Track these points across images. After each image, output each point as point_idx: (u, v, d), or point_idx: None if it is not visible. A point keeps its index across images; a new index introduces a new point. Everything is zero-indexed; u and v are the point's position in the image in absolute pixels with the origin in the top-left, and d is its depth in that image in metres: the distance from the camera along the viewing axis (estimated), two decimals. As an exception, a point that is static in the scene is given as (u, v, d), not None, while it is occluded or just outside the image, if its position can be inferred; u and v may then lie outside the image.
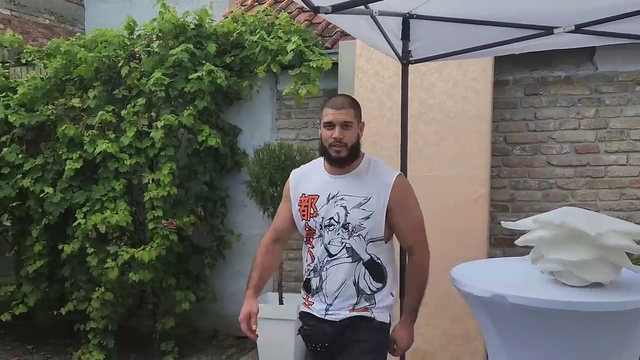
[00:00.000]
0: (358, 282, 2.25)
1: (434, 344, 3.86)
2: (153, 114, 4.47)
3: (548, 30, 2.66)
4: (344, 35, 4.67)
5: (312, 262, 2.31)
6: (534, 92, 4.18)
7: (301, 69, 4.27)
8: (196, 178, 4.57)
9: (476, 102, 3.96)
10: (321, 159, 2.36)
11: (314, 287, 2.30)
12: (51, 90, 4.74)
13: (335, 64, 4.38)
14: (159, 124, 4.32)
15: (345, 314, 2.27)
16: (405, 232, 2.30)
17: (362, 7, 2.24)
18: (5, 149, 4.70)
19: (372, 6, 2.32)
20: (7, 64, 5.39)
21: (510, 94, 4.22)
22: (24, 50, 5.35)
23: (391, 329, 2.35)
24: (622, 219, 3.84)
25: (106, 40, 4.67)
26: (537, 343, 1.91)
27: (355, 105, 2.29)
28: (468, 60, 3.72)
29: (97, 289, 4.31)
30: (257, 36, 4.38)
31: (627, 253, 1.91)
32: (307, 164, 2.50)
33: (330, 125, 2.22)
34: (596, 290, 1.89)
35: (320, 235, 2.27)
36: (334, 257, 2.25)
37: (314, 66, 4.23)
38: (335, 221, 2.23)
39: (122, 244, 4.34)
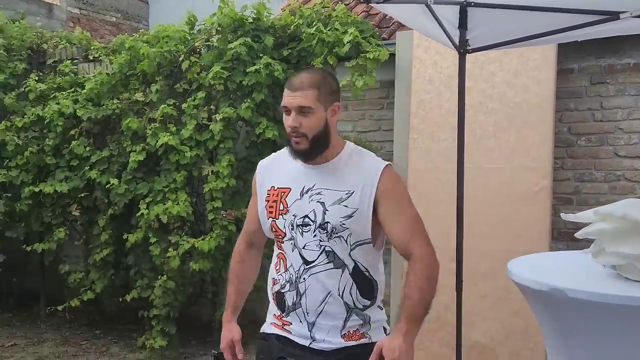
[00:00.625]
0: (343, 294, 1.82)
1: (493, 339, 3.79)
2: (212, 107, 4.56)
3: (614, 15, 2.54)
4: (402, 26, 4.62)
5: (286, 271, 1.88)
6: (600, 81, 4.01)
7: (358, 61, 4.26)
8: (254, 170, 4.62)
9: (538, 92, 3.84)
10: None
11: (290, 304, 1.87)
12: (116, 85, 4.92)
13: (392, 55, 4.34)
14: (218, 116, 4.40)
15: (337, 341, 1.83)
16: (400, 227, 1.82)
17: (417, -4, 2.21)
18: (74, 142, 4.91)
19: (428, -5, 2.28)
20: (76, 61, 5.61)
21: (575, 82, 4.07)
22: (92, 47, 5.56)
23: None
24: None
25: (168, 35, 4.79)
26: (597, 339, 1.84)
27: (321, 83, 1.81)
28: (530, 48, 3.61)
29: (159, 277, 4.45)
30: (314, 28, 4.39)
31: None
32: (279, 151, 2.03)
33: (286, 110, 1.82)
34: (661, 286, 1.81)
35: (292, 238, 1.85)
36: (312, 265, 1.82)
37: (371, 57, 4.20)
38: (311, 220, 1.82)
39: (183, 234, 4.46)
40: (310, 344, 1.85)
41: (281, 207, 1.87)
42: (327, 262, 1.81)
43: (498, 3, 2.62)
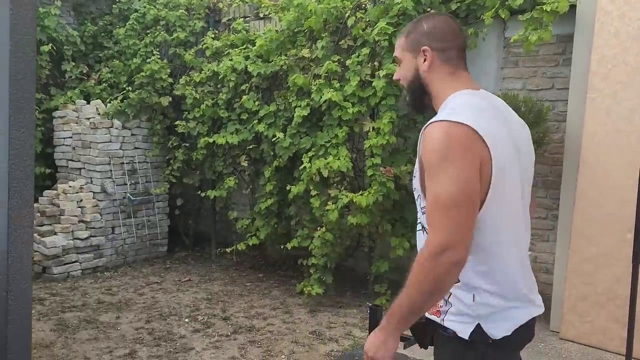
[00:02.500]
0: None
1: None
2: (376, 63, 4.54)
3: None
4: (585, -26, 4.21)
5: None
6: None
7: (533, 13, 3.97)
8: (415, 127, 4.57)
9: None
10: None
11: None
12: (284, 42, 5.08)
13: (572, 7, 3.98)
14: (381, 73, 4.38)
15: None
16: (426, 206, 1.52)
17: None
18: (244, 97, 5.19)
19: None
20: (248, 18, 5.88)
21: None
22: (262, 5, 5.77)
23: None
24: None
25: (335, -9, 4.82)
26: None
27: (411, 29, 1.67)
28: None
29: (318, 228, 4.61)
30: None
31: None
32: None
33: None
34: None
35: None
36: (417, 223, 1.67)
37: (548, 10, 3.89)
38: (413, 187, 1.67)
39: (343, 188, 4.56)
40: None
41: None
42: (418, 222, 1.64)
43: None
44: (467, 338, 1.52)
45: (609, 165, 3.69)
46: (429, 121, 1.52)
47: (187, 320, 4.38)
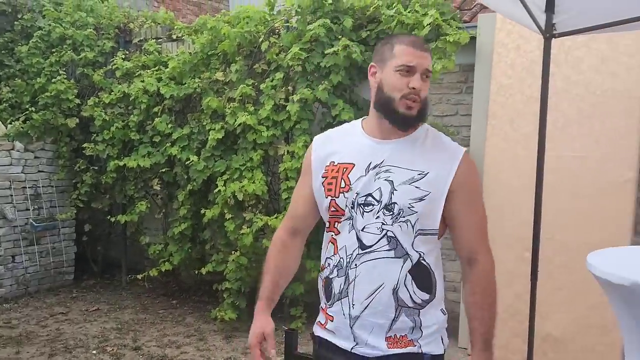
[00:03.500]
0: (398, 289, 1.63)
1: (566, 332, 3.70)
2: (290, 87, 4.62)
3: None
4: (484, 8, 4.51)
5: (335, 255, 1.70)
6: (696, 68, 3.78)
7: (437, 44, 4.19)
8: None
9: (627, 79, 3.66)
10: (355, 124, 1.80)
11: (337, 291, 1.70)
12: (198, 64, 5.06)
13: (473, 38, 4.24)
14: (295, 97, 4.46)
15: (381, 346, 1.66)
16: (470, 228, 1.70)
17: (504, -22, 2.15)
18: (157, 119, 5.11)
19: (515, -23, 2.21)
20: (160, 40, 5.82)
21: (669, 70, 3.85)
22: (175, 27, 5.74)
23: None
24: None
25: (248, 16, 4.88)
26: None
27: (431, 54, 1.81)
28: (620, 33, 3.44)
29: (233, 252, 4.59)
30: (394, 10, 4.35)
31: None
32: (335, 128, 1.86)
33: (408, 69, 1.63)
34: None
35: (350, 218, 1.66)
36: (369, 250, 1.64)
37: (451, 40, 4.12)
38: (375, 199, 1.63)
39: (257, 211, 4.57)
40: (352, 348, 1.67)
41: (342, 185, 1.67)
42: (388, 250, 1.63)
43: (589, -15, 2.52)
44: (442, 352, 1.71)
45: (508, 188, 3.93)
46: (459, 148, 1.71)
47: (94, 352, 4.21)
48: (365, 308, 1.65)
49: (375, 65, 1.72)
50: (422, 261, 1.65)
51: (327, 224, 1.76)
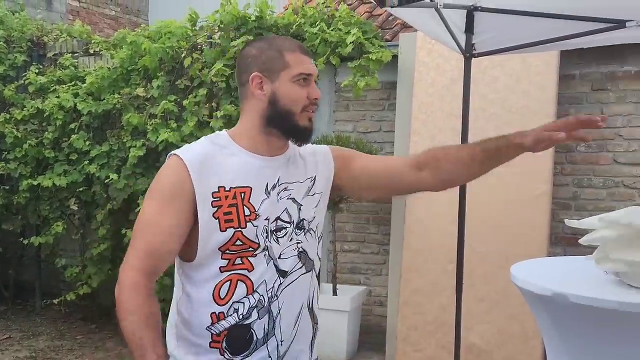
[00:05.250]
0: (312, 305, 1.57)
1: (490, 342, 3.81)
2: (213, 104, 4.56)
3: (620, 24, 2.57)
4: (405, 27, 4.63)
5: (250, 295, 1.46)
6: (601, 88, 4.04)
7: (360, 61, 4.27)
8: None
9: (540, 97, 3.86)
10: (223, 139, 1.54)
11: (261, 336, 1.48)
12: (117, 79, 4.91)
13: (395, 57, 4.35)
14: (219, 114, 4.40)
15: None
16: (391, 158, 1.81)
17: (428, 0, 2.22)
18: (73, 136, 4.90)
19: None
20: (77, 54, 5.60)
21: (576, 89, 4.09)
22: (92, 41, 5.54)
23: None
24: (692, 220, 3.69)
25: (170, 31, 4.79)
26: (598, 344, 1.86)
27: None
28: (532, 54, 3.63)
29: (157, 273, 4.44)
30: (317, 28, 4.40)
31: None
32: (196, 143, 1.54)
33: (306, 78, 1.51)
34: (665, 294, 1.82)
35: (266, 249, 1.48)
36: (287, 275, 1.51)
37: (373, 58, 4.21)
38: (286, 221, 1.52)
39: (182, 230, 4.45)
40: None
41: (247, 212, 1.46)
42: (300, 267, 1.53)
43: (504, 8, 2.64)
44: None
45: (432, 201, 4.03)
46: (323, 145, 1.71)
47: (7, 382, 3.96)
48: (293, 339, 1.53)
49: (260, 76, 1.50)
50: (318, 266, 1.63)
51: (225, 262, 1.45)
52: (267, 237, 1.48)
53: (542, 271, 2.17)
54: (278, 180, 1.52)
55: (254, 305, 1.46)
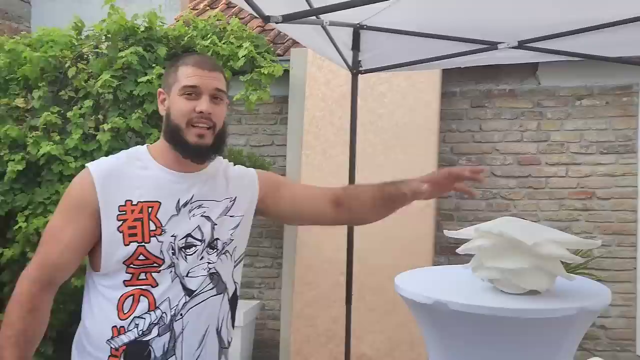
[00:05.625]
0: (220, 328, 1.54)
1: (379, 350, 3.91)
2: (100, 116, 4.37)
3: (493, 46, 2.75)
4: (296, 42, 4.70)
5: (151, 310, 1.44)
6: (479, 105, 4.30)
7: (252, 75, 4.27)
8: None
9: (424, 113, 4.05)
10: (141, 153, 1.56)
11: (160, 354, 1.44)
12: (-6, 89, 4.60)
13: (286, 71, 4.40)
14: (106, 126, 4.23)
15: None
16: (312, 188, 1.77)
17: (314, 17, 2.26)
18: (-58, 149, 4.53)
19: (323, 17, 2.35)
20: (-53, 61, 5.19)
21: (457, 105, 4.33)
22: (-35, 47, 5.17)
23: None
24: (561, 228, 3.99)
25: (53, 39, 4.55)
26: (476, 349, 1.96)
27: (225, 73, 1.61)
28: (417, 71, 3.80)
29: (37, 294, 4.19)
30: (209, 41, 4.36)
31: (562, 262, 1.99)
32: (112, 156, 1.57)
33: (193, 90, 1.47)
34: (533, 298, 1.96)
35: (172, 265, 1.45)
36: (195, 295, 1.47)
37: (265, 73, 4.23)
38: (197, 239, 1.49)
39: (65, 248, 4.23)
40: None
41: (152, 227, 1.43)
42: (211, 288, 1.50)
43: (389, 28, 2.75)
44: None
45: (324, 215, 4.09)
46: (250, 169, 1.71)
47: None
48: None
49: (162, 92, 1.55)
50: (237, 292, 1.60)
51: (129, 276, 1.44)
52: (174, 253, 1.46)
53: (424, 280, 2.26)
54: (192, 197, 1.50)
55: (154, 321, 1.44)
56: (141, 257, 1.43)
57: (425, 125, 4.04)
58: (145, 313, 1.44)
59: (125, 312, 1.44)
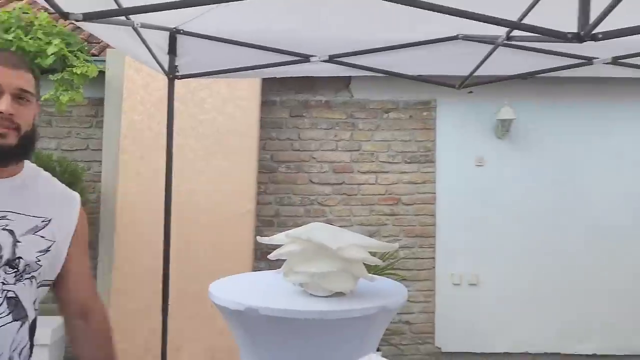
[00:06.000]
0: (13, 358, 1.36)
1: (199, 359, 3.87)
2: None
3: (306, 58, 2.87)
4: (113, 43, 4.49)
5: None
6: (298, 114, 4.45)
7: (63, 75, 4.00)
8: None
9: (244, 120, 4.09)
10: None
11: None
12: None
13: (102, 72, 4.18)
14: None
15: None
16: (84, 277, 1.56)
17: (123, 17, 2.18)
18: None
19: (135, 18, 2.26)
20: None
21: (277, 114, 4.44)
22: None
23: None
24: (371, 232, 4.28)
25: None
26: (287, 351, 2.03)
27: (35, 72, 1.43)
28: (238, 79, 3.84)
29: None
30: (13, 35, 4.00)
31: (372, 264, 2.14)
32: None
33: None
34: (338, 300, 2.07)
35: None
36: None
37: (78, 72, 3.98)
38: None
39: None
40: None
41: None
42: (7, 314, 1.32)
43: (206, 34, 2.75)
44: None
45: (142, 224, 3.96)
46: (74, 193, 1.54)
47: None
48: None
49: None
50: (36, 321, 1.42)
51: None
52: None
53: (238, 287, 2.29)
54: None
55: None
56: None
57: (246, 132, 4.08)
58: None
59: None
